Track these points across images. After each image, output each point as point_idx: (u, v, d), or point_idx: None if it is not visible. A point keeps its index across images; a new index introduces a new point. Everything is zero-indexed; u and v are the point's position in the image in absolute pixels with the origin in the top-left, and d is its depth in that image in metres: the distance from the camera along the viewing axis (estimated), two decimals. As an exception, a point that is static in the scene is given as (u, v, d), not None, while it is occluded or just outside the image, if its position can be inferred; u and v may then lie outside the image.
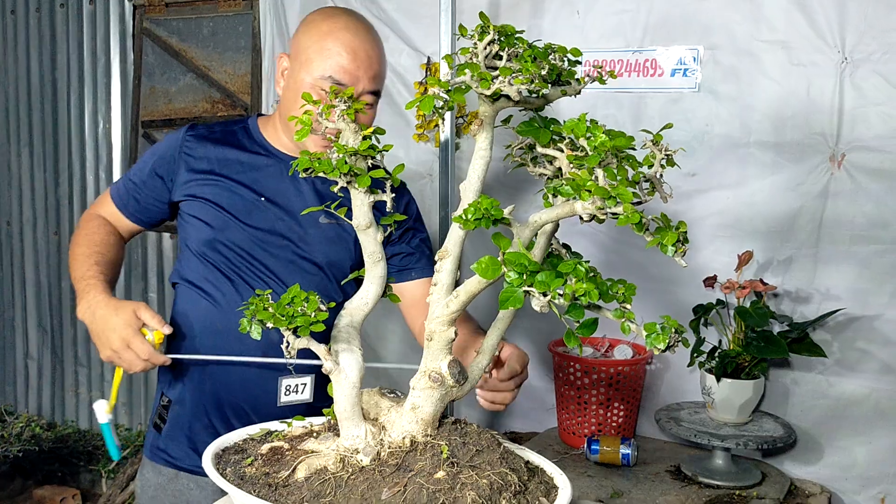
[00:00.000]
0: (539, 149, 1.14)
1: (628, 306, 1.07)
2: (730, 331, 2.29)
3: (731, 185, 2.38)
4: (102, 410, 1.68)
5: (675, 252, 1.05)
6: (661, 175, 1.11)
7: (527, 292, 1.02)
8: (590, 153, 1.04)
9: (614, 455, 2.33)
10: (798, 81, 2.27)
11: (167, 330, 1.63)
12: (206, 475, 1.77)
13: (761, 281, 2.29)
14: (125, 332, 1.60)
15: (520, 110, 1.19)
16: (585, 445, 2.37)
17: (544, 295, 1.01)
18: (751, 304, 2.25)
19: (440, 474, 1.08)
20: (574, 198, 1.03)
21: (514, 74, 1.08)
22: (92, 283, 1.73)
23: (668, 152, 1.11)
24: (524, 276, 1.02)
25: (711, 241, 2.42)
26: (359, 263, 1.82)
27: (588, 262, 1.13)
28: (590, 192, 1.00)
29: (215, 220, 1.80)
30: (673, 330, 1.05)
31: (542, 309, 1.02)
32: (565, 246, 1.22)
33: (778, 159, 2.32)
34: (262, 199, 1.81)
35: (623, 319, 1.07)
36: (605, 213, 1.01)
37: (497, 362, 1.54)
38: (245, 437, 1.29)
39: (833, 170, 2.26)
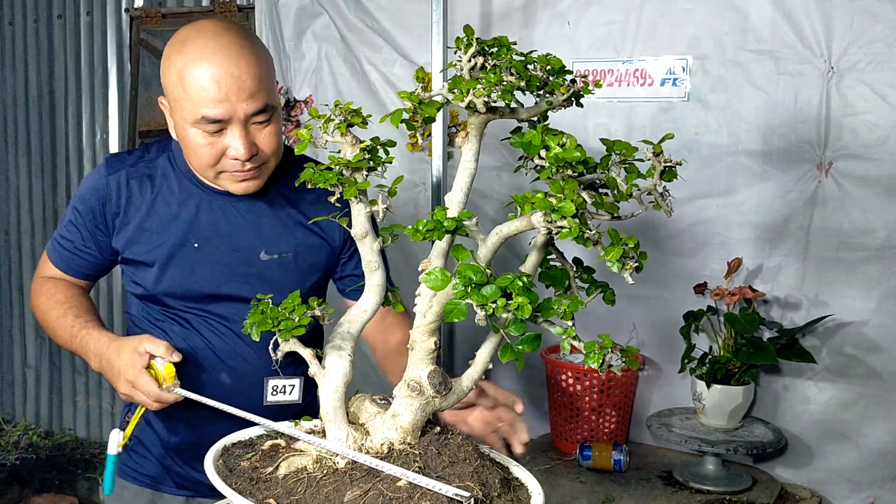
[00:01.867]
0: (537, 160, 1.13)
1: (568, 323, 1.04)
2: (720, 337, 2.32)
3: (720, 193, 2.41)
4: (114, 442, 1.57)
5: (623, 268, 1.01)
6: (664, 187, 1.06)
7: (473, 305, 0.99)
8: (547, 165, 1.02)
9: (606, 461, 2.35)
10: (785, 91, 2.30)
11: (176, 357, 1.51)
12: (195, 496, 1.78)
13: (750, 288, 2.31)
14: (129, 374, 1.52)
15: (519, 121, 1.17)
16: (578, 451, 2.40)
17: (482, 308, 0.99)
18: (740, 310, 2.27)
19: (402, 483, 1.09)
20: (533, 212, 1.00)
21: (476, 87, 1.06)
22: (84, 333, 1.65)
23: (667, 164, 1.08)
24: (468, 289, 0.99)
25: (701, 249, 2.44)
26: (307, 292, 1.71)
27: (593, 271, 1.11)
28: (533, 204, 0.98)
29: (149, 281, 1.69)
30: (609, 349, 1.02)
31: (480, 322, 1.00)
32: (577, 261, 1.17)
33: (766, 167, 2.34)
34: (196, 245, 1.68)
35: (564, 336, 1.04)
36: (556, 226, 0.98)
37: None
38: (262, 433, 1.30)
39: (820, 178, 2.28)
